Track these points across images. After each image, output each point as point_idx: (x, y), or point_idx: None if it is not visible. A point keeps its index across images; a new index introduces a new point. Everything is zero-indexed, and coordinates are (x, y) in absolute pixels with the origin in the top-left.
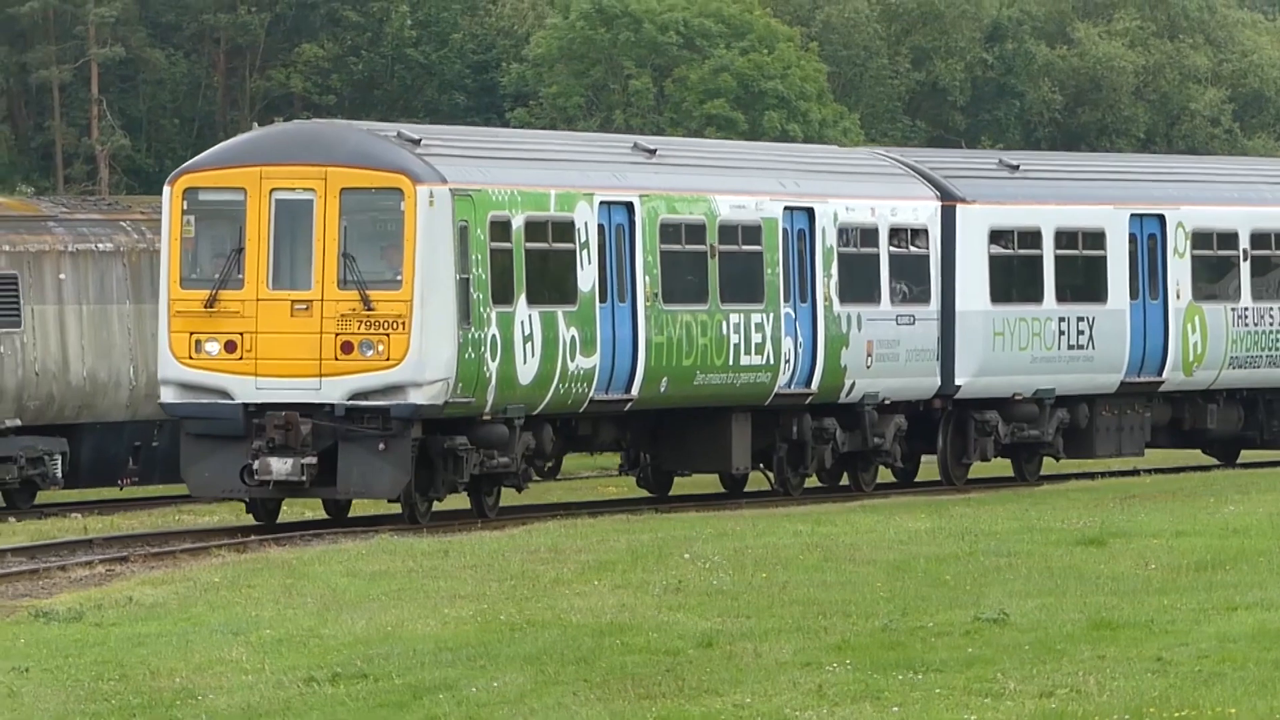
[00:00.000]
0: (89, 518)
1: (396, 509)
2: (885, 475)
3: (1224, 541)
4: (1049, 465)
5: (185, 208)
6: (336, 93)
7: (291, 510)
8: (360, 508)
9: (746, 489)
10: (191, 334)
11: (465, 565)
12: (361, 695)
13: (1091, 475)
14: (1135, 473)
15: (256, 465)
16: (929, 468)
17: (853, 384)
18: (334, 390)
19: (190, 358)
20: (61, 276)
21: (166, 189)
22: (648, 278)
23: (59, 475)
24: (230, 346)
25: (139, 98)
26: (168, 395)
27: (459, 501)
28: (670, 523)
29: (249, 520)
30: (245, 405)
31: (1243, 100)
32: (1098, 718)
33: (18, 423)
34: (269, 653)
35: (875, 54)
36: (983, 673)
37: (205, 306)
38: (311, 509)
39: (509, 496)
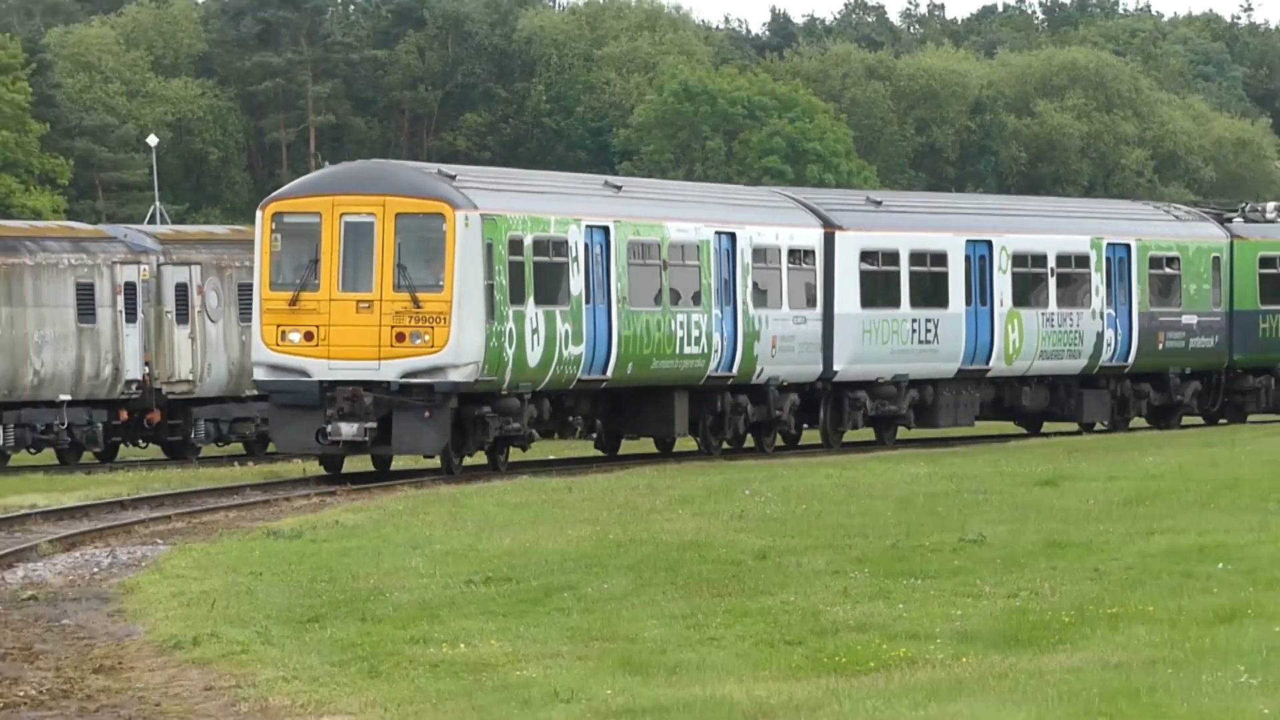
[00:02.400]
0: (307, 462)
1: (433, 463)
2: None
3: (1145, 484)
4: (902, 433)
5: (274, 227)
6: (491, 150)
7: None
8: (399, 463)
9: (676, 450)
10: (278, 326)
11: (584, 498)
12: (507, 593)
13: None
14: (1079, 433)
15: (329, 429)
16: (810, 434)
17: (762, 369)
18: (390, 370)
19: (277, 345)
20: None
21: (259, 213)
22: (619, 285)
23: None
24: (309, 336)
25: (345, 154)
26: (260, 374)
27: (477, 458)
28: (734, 469)
29: (428, 465)
30: (320, 382)
31: (1161, 158)
32: (1050, 613)
33: (254, 391)
34: (439, 562)
35: (888, 123)
36: (966, 580)
37: (289, 305)
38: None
39: (514, 454)
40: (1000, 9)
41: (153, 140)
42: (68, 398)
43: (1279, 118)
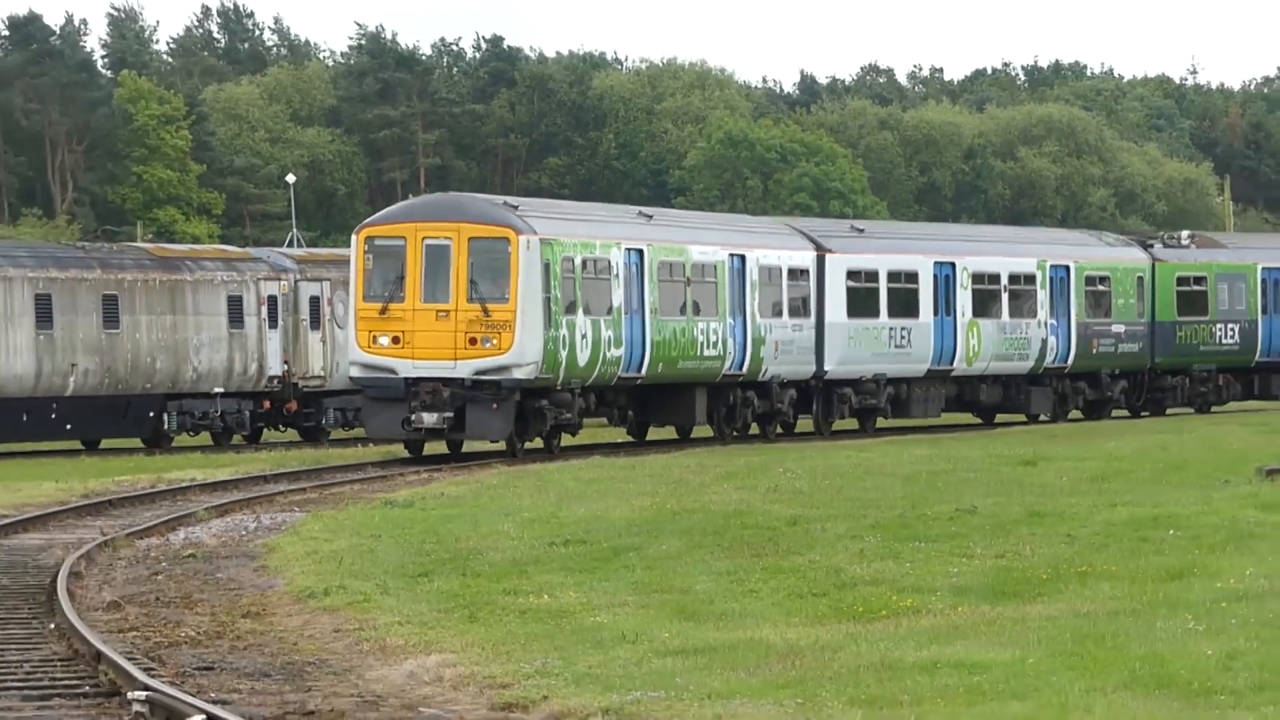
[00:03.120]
0: (394, 445)
1: (498, 447)
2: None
3: (1109, 464)
4: (881, 422)
5: (366, 249)
6: (569, 187)
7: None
8: (470, 446)
9: (693, 436)
10: (370, 332)
11: (646, 474)
12: (582, 553)
13: (1025, 422)
14: (1054, 421)
15: (413, 418)
16: (804, 423)
17: (767, 369)
18: (464, 369)
19: (369, 347)
20: None
21: (354, 237)
22: (651, 298)
23: None
24: (396, 340)
25: (448, 190)
26: (354, 372)
27: (535, 442)
28: (770, 450)
29: (494, 449)
30: (406, 378)
31: (1121, 196)
32: (1031, 570)
33: None
34: (527, 527)
35: (896, 165)
36: (960, 543)
37: (380, 314)
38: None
39: (564, 439)
40: (989, 71)
41: (291, 178)
42: (220, 390)
43: (1219, 162)
